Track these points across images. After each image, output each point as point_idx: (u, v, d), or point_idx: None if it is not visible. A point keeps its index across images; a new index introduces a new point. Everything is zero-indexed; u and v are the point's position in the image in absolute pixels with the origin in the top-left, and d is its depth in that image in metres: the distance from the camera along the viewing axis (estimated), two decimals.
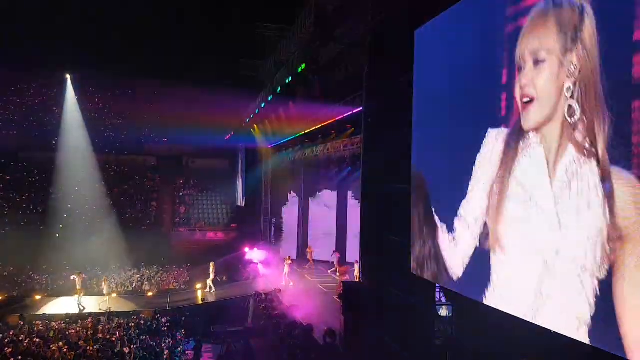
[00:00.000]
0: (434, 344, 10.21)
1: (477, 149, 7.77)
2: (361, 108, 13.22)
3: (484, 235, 7.68)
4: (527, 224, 6.57)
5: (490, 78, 7.44)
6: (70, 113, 27.53)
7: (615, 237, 5.07)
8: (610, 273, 5.14)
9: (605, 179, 5.14)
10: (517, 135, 6.86)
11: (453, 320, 10.22)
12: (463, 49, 8.33)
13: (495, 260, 7.38)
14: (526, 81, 6.29)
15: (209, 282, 20.35)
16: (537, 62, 6.09)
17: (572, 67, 5.54)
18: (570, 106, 5.59)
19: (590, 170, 5.37)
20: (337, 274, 19.88)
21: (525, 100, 6.38)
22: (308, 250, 23.79)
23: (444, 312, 10.37)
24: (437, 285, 9.99)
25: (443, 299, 10.42)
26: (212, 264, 20.69)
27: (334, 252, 21.83)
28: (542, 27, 6.06)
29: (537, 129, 6.30)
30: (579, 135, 5.53)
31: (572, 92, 5.55)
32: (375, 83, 11.93)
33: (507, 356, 7.91)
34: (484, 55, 7.67)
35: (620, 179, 4.96)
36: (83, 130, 27.59)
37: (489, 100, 7.47)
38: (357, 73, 13.90)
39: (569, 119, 5.65)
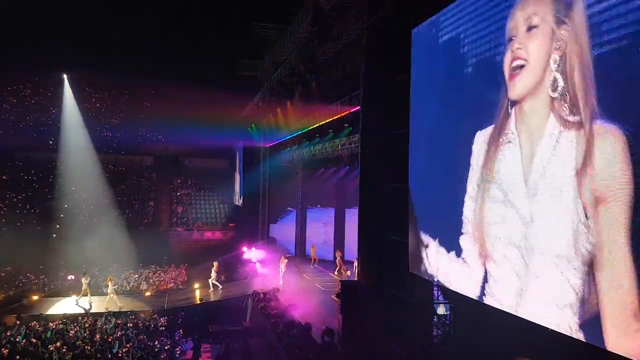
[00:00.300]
0: (431, 342, 10.24)
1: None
2: (359, 107, 13.22)
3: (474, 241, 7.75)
4: (505, 224, 6.74)
5: (487, 78, 7.48)
6: (69, 113, 27.44)
7: (592, 206, 5.17)
8: (590, 257, 5.28)
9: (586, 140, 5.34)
10: (499, 131, 7.01)
11: (451, 318, 10.26)
12: (459, 48, 8.37)
13: (486, 263, 7.46)
14: (519, 45, 6.46)
15: (211, 281, 20.33)
16: (530, 28, 6.25)
17: (562, 40, 5.68)
18: (555, 79, 5.73)
19: (569, 142, 5.57)
20: (342, 272, 19.85)
21: (516, 64, 6.55)
22: (312, 249, 23.44)
23: (441, 310, 10.41)
24: (434, 283, 10.03)
25: (441, 298, 10.47)
26: (215, 263, 20.72)
27: (336, 251, 21.81)
28: None
29: (521, 101, 6.43)
30: (559, 107, 5.70)
31: (559, 64, 5.69)
32: (372, 82, 11.94)
33: (505, 354, 7.93)
34: (480, 55, 7.71)
35: (602, 134, 5.10)
36: (82, 130, 27.51)
37: (484, 100, 7.51)
38: (354, 72, 13.91)
39: (551, 93, 5.80)
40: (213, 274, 20.40)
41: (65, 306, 18.19)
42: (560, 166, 5.72)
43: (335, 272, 20.54)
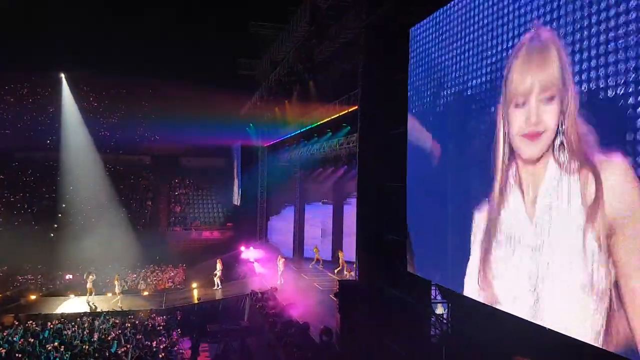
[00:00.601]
0: (429, 342, 10.25)
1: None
2: (357, 106, 13.21)
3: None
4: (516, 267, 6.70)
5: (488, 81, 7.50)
6: (69, 112, 27.40)
7: (605, 235, 5.15)
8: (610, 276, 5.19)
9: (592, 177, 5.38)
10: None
11: (449, 317, 10.26)
12: (457, 47, 8.38)
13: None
14: (536, 119, 6.30)
15: (217, 279, 20.36)
16: (546, 101, 6.11)
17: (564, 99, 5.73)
18: (561, 142, 5.82)
19: (573, 180, 5.64)
20: (343, 272, 19.80)
21: (532, 132, 6.41)
22: (315, 250, 22.82)
23: (439, 309, 10.42)
24: (432, 283, 10.04)
25: (439, 297, 10.48)
26: (219, 260, 20.74)
27: (339, 251, 21.76)
28: (543, 59, 6.23)
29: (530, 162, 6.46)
30: (559, 154, 5.84)
31: (563, 127, 5.79)
32: (370, 81, 11.93)
33: (503, 353, 7.94)
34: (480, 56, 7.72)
35: (610, 168, 5.13)
36: (83, 129, 27.51)
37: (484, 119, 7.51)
38: (352, 71, 13.90)
39: (557, 153, 5.85)
40: (218, 272, 20.36)
41: (63, 306, 18.16)
42: (565, 208, 5.79)
43: (335, 271, 20.45)
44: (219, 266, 20.60)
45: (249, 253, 24.58)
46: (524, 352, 7.52)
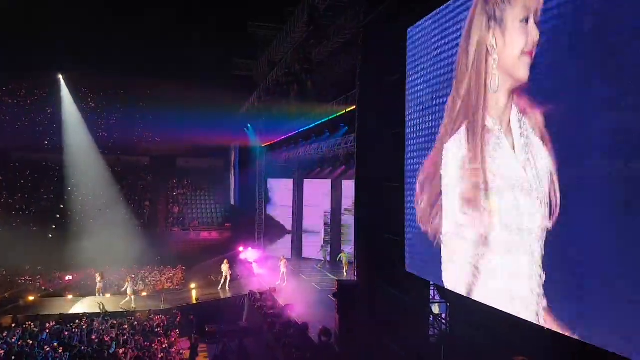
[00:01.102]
0: (428, 341, 10.28)
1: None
2: (355, 107, 13.23)
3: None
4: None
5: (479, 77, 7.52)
6: (69, 113, 27.37)
7: None
8: None
9: None
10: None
11: (447, 317, 10.29)
12: (453, 47, 8.41)
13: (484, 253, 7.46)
14: None
15: (224, 277, 20.42)
16: None
17: None
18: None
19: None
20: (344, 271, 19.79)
21: None
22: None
23: (437, 309, 10.45)
24: (431, 283, 10.06)
25: (437, 297, 10.50)
26: (225, 260, 20.84)
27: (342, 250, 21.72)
28: None
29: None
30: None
31: None
32: (368, 81, 11.95)
33: (502, 353, 7.97)
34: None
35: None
36: (84, 129, 27.51)
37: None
38: (350, 72, 13.91)
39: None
40: (226, 273, 20.44)
41: (61, 307, 18.13)
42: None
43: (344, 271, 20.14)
44: (226, 269, 20.59)
45: (248, 253, 24.58)
46: (522, 352, 7.54)
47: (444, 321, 10.36)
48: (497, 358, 8.19)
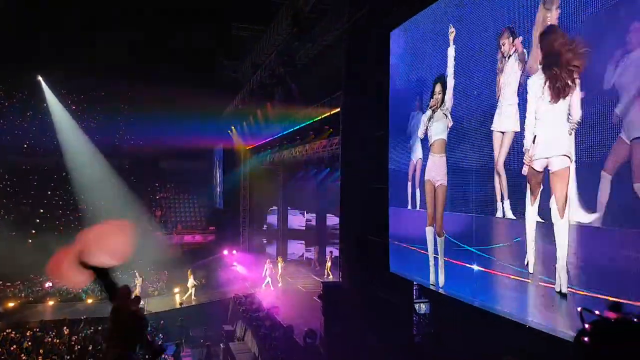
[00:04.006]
0: (413, 341, 10.34)
1: None
2: (339, 109, 13.26)
3: None
4: None
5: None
6: (57, 115, 26.94)
7: None
8: None
9: None
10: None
11: (431, 316, 10.37)
12: (432, 50, 8.56)
13: None
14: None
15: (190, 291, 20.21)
16: None
17: None
18: None
19: None
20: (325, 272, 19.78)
21: None
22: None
23: (422, 308, 10.53)
24: (414, 283, 10.13)
25: (422, 297, 10.57)
26: (189, 272, 20.60)
27: (330, 252, 21.68)
28: None
29: None
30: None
31: None
32: (352, 84, 11.99)
33: (486, 350, 8.04)
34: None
35: None
36: (76, 130, 27.13)
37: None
38: (334, 74, 13.94)
39: None
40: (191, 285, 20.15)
41: (42, 313, 17.82)
42: None
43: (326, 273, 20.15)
44: (190, 279, 20.35)
45: (233, 256, 24.45)
46: (507, 349, 7.61)
47: (427, 320, 10.44)
48: (482, 356, 8.26)
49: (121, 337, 1.30)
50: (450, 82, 8.02)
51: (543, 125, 6.02)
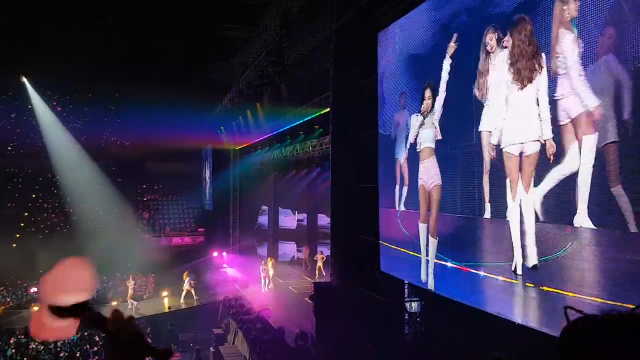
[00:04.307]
0: (404, 340, 10.33)
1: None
2: (329, 109, 13.22)
3: None
4: None
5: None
6: (43, 117, 26.56)
7: None
8: None
9: None
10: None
11: (422, 315, 10.38)
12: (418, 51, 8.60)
13: None
14: None
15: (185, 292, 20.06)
16: None
17: None
18: None
19: None
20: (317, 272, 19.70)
21: None
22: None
23: (413, 308, 10.53)
24: (405, 282, 10.13)
25: (413, 296, 10.58)
26: (185, 273, 20.50)
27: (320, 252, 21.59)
28: None
29: None
30: None
31: None
32: (341, 84, 11.96)
33: (476, 348, 8.03)
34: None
35: None
36: (66, 133, 26.79)
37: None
38: (324, 74, 13.90)
39: None
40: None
41: (27, 319, 17.51)
42: None
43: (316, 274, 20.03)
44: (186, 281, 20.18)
45: (222, 258, 24.28)
46: (497, 348, 7.61)
47: (418, 319, 10.44)
48: (473, 354, 8.25)
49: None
50: (442, 94, 7.96)
51: (513, 111, 6.20)
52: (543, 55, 5.71)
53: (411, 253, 8.99)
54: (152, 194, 31.68)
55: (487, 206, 6.79)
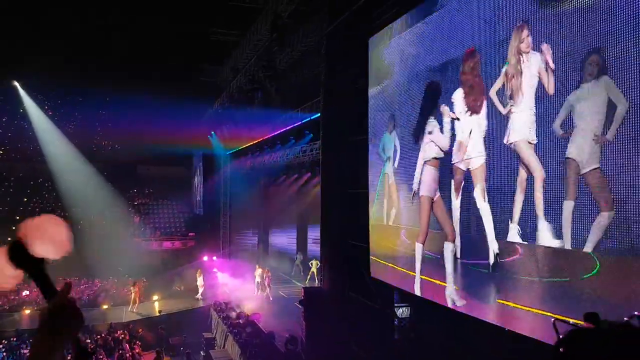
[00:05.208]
0: (394, 345, 10.37)
1: None
2: (319, 114, 13.29)
3: None
4: None
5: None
6: (35, 120, 26.38)
7: None
8: None
9: None
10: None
11: (411, 320, 10.43)
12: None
13: None
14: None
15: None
16: None
17: None
18: None
19: None
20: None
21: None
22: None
23: (402, 313, 10.58)
24: (395, 287, 10.17)
25: (401, 301, 10.63)
26: (199, 271, 20.82)
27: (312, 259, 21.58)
28: None
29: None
30: None
31: None
32: (332, 89, 12.02)
33: (465, 354, 8.10)
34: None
35: None
36: (58, 136, 26.63)
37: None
38: (314, 79, 13.97)
39: None
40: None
41: (19, 322, 17.40)
42: None
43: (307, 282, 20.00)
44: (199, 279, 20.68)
45: (213, 263, 24.23)
46: (486, 354, 7.69)
47: (408, 324, 10.49)
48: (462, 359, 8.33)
49: (52, 331, 1.25)
50: (447, 126, 7.56)
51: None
52: None
53: (399, 269, 9.08)
54: (143, 198, 31.55)
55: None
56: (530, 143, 5.73)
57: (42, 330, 1.26)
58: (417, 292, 8.51)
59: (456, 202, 7.25)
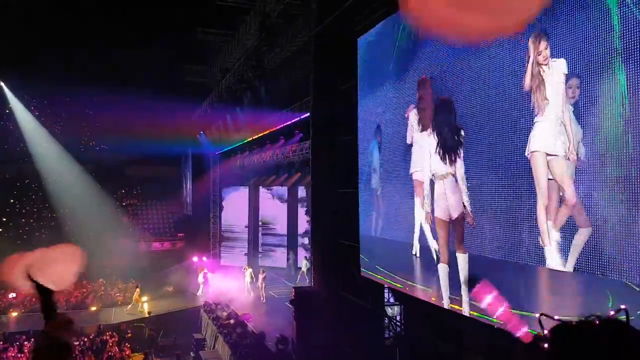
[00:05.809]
0: (384, 344, 10.42)
1: None
2: (309, 113, 13.29)
3: None
4: None
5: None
6: (22, 121, 26.05)
7: None
8: None
9: None
10: None
11: (402, 319, 10.48)
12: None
13: None
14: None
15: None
16: None
17: None
18: None
19: None
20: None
21: None
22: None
23: (392, 312, 10.63)
24: (385, 287, 10.22)
25: (392, 300, 10.68)
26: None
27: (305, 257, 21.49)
28: None
29: None
30: None
31: None
32: (321, 89, 12.04)
33: (456, 354, 8.17)
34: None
35: None
36: (46, 137, 26.33)
37: None
38: (304, 78, 13.98)
39: None
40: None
41: (6, 324, 17.19)
42: None
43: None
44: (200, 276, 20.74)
45: (202, 263, 24.10)
46: (476, 351, 7.75)
47: (398, 323, 10.54)
48: (452, 358, 8.39)
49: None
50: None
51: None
52: None
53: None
54: (131, 198, 31.26)
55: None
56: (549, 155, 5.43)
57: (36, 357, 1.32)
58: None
59: None
